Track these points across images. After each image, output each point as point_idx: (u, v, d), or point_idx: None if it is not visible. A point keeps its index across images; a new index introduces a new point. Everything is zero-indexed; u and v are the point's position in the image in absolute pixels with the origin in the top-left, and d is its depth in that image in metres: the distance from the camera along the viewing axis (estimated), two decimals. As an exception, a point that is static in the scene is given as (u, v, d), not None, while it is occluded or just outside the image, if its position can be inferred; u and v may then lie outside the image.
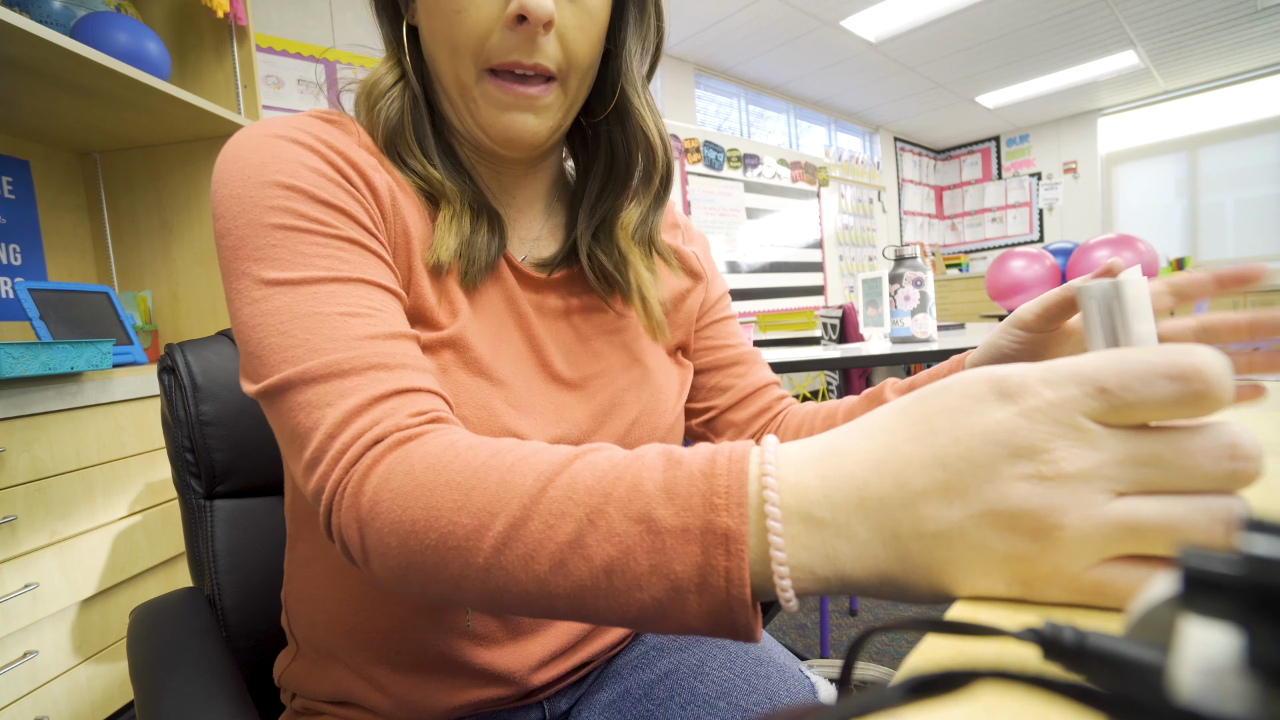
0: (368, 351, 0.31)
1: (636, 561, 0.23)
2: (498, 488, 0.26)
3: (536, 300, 0.49)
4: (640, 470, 0.24)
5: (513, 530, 0.25)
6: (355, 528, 0.29)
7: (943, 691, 0.12)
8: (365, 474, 0.29)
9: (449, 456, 0.28)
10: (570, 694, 0.50)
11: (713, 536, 0.22)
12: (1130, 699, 0.10)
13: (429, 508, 0.27)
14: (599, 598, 0.24)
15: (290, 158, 0.36)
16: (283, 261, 0.33)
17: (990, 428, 0.19)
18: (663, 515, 0.23)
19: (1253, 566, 0.10)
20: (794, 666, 0.50)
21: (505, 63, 0.40)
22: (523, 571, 0.25)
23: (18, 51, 1.06)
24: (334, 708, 0.45)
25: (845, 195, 5.43)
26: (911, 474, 0.19)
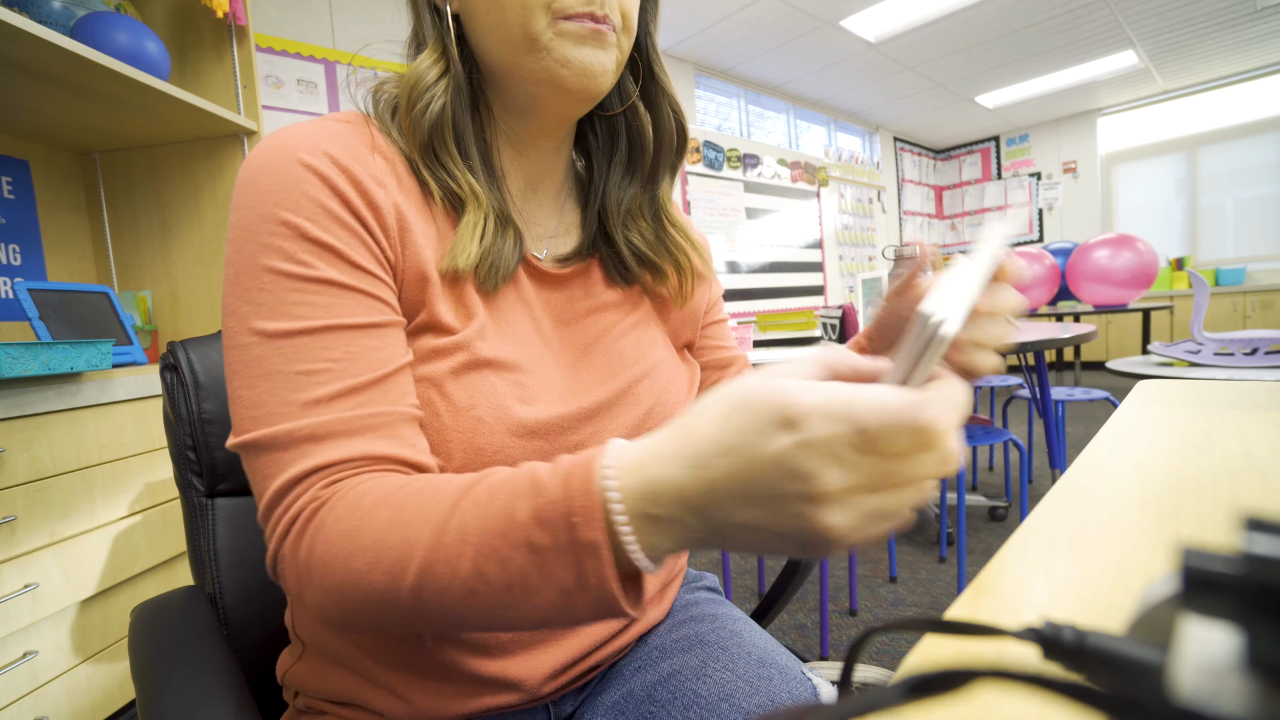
0: (309, 422, 0.35)
1: (529, 578, 0.29)
2: (401, 545, 0.31)
3: (551, 297, 0.49)
4: (513, 503, 0.29)
5: (422, 578, 0.30)
6: (297, 590, 0.35)
7: (942, 691, 0.12)
8: (295, 546, 0.34)
9: (354, 522, 0.33)
10: (574, 697, 0.50)
11: (580, 548, 0.28)
12: (1130, 698, 0.10)
13: (348, 572, 0.32)
14: (507, 609, 0.30)
15: (294, 186, 0.38)
16: (265, 308, 0.37)
17: (774, 455, 0.24)
18: (539, 539, 0.28)
19: (1252, 566, 0.10)
20: (796, 668, 0.50)
21: (579, 13, 0.42)
22: (439, 605, 0.31)
23: (18, 51, 1.06)
24: (338, 708, 0.45)
25: (845, 195, 5.43)
26: (720, 484, 0.25)
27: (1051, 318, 4.21)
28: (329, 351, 0.37)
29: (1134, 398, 0.67)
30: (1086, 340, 1.60)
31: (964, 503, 1.59)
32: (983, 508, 2.31)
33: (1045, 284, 3.74)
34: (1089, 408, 4.07)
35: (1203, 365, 1.42)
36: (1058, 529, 0.33)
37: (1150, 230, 5.65)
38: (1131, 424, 0.55)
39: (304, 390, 0.36)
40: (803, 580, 0.71)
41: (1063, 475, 0.42)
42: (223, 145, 1.53)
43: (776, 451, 0.24)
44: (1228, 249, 5.37)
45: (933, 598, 1.69)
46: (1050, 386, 1.91)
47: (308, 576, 0.33)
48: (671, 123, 0.52)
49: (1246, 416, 0.55)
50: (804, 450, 0.23)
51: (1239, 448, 0.45)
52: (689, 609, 0.56)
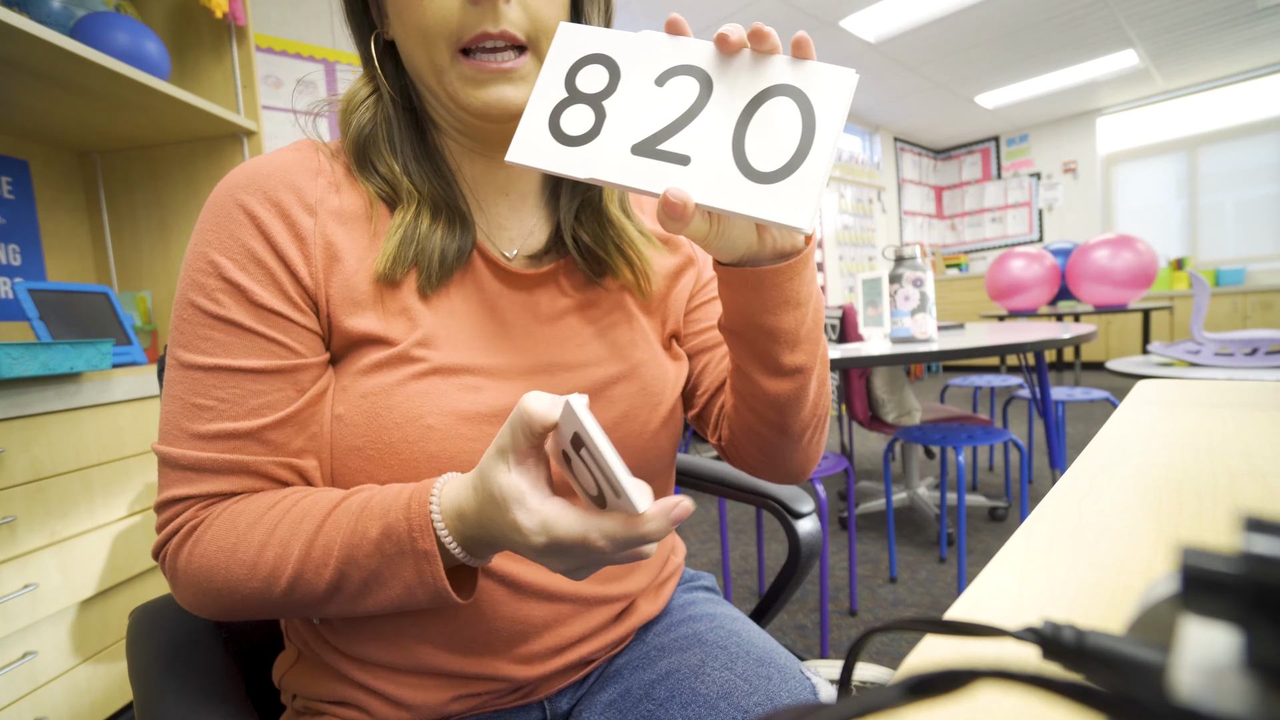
0: (192, 455, 0.40)
1: (381, 576, 0.38)
2: (275, 560, 0.38)
3: (527, 300, 0.49)
4: (367, 523, 0.38)
5: (295, 584, 0.38)
6: (174, 587, 0.41)
7: (942, 691, 0.12)
8: (175, 554, 0.41)
9: (232, 540, 0.39)
10: (571, 693, 0.50)
11: (418, 554, 0.37)
12: (1130, 698, 0.10)
13: (228, 580, 0.39)
14: (364, 600, 0.39)
15: (225, 227, 0.42)
16: (184, 339, 0.42)
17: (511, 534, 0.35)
18: (388, 548, 0.37)
19: (1252, 566, 0.10)
20: (794, 667, 0.50)
21: (474, 36, 0.41)
22: (308, 601, 0.39)
23: (18, 51, 1.06)
24: (335, 708, 0.46)
25: (845, 195, 5.44)
26: (490, 530, 0.36)
27: (1051, 318, 4.21)
28: (217, 390, 0.41)
29: (1134, 398, 0.67)
30: (1086, 340, 1.60)
31: (964, 503, 1.59)
32: (983, 508, 2.31)
33: (1045, 284, 3.74)
34: (1089, 408, 4.08)
35: (1203, 365, 1.42)
36: (1058, 529, 0.33)
37: (1150, 230, 5.65)
38: (1131, 424, 0.55)
39: (194, 421, 0.41)
40: (801, 580, 0.71)
41: (1063, 475, 0.42)
42: (222, 145, 1.53)
43: (512, 531, 0.34)
44: (1228, 249, 5.38)
45: (933, 598, 1.69)
46: (1050, 387, 1.91)
47: (187, 580, 0.40)
48: None
49: (1246, 416, 0.55)
50: (524, 537, 0.34)
51: (1239, 448, 0.45)
52: (687, 608, 0.56)
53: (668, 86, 0.36)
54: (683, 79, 0.35)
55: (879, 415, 2.13)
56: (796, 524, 0.72)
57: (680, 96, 0.35)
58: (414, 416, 0.42)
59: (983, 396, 4.36)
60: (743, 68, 0.35)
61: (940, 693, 0.12)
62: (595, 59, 0.36)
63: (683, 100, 0.35)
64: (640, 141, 0.35)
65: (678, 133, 0.35)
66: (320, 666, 0.47)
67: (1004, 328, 2.06)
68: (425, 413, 0.42)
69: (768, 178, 0.33)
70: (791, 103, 0.33)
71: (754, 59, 0.35)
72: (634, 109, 0.36)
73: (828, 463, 1.63)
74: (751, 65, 0.35)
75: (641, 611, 0.53)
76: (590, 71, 0.36)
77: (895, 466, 2.89)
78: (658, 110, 0.36)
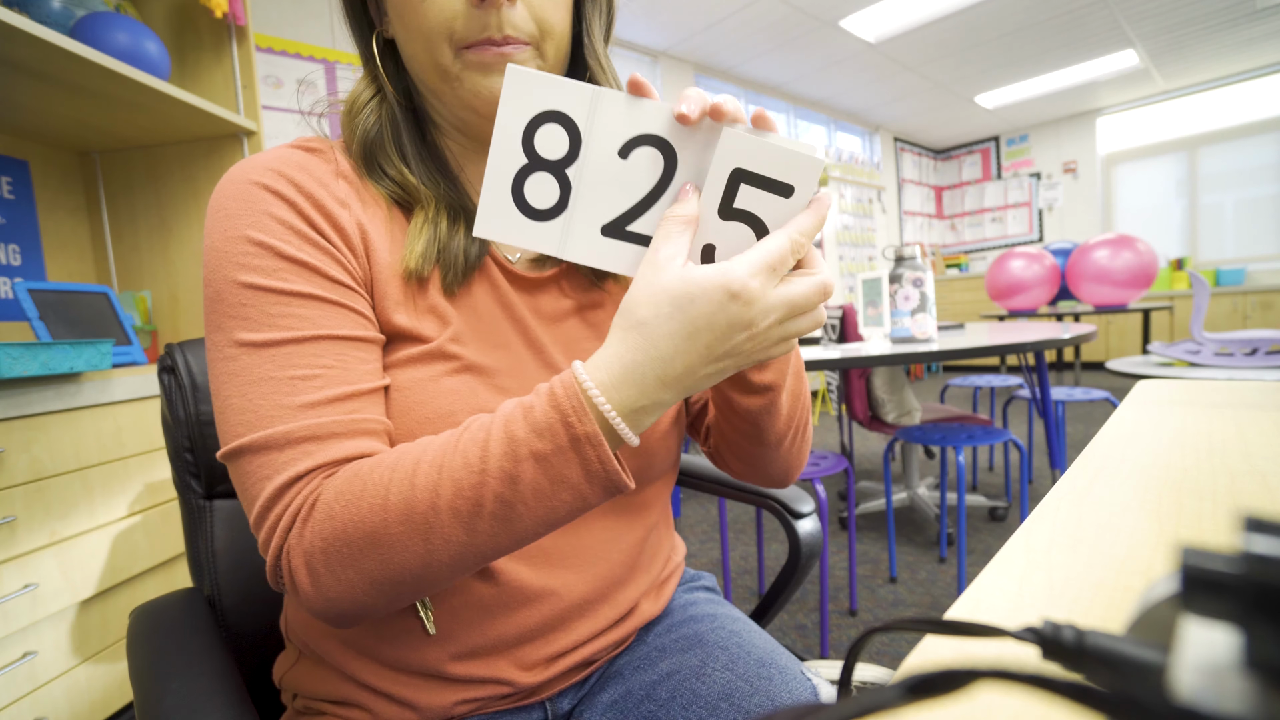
0: (308, 423, 0.36)
1: (540, 486, 0.33)
2: (409, 491, 0.33)
3: (531, 302, 0.49)
4: (508, 428, 0.33)
5: (439, 516, 0.33)
6: (305, 569, 0.35)
7: (942, 691, 0.12)
8: (300, 534, 0.35)
9: (358, 488, 0.34)
10: (572, 694, 0.50)
11: (580, 442, 0.33)
12: (1130, 698, 0.10)
13: (362, 532, 0.33)
14: (530, 517, 0.34)
15: (262, 209, 0.39)
16: (250, 321, 0.37)
17: (729, 320, 0.33)
18: (543, 448, 0.33)
19: (1252, 566, 0.10)
20: (795, 668, 0.50)
21: (478, 40, 0.41)
22: (455, 534, 0.33)
23: (17, 51, 1.06)
24: (335, 707, 0.46)
25: (845, 195, 5.44)
26: (693, 364, 0.33)
27: (1051, 318, 4.21)
28: (321, 359, 0.38)
29: (1134, 398, 0.67)
30: (1086, 340, 1.60)
31: (964, 503, 1.59)
32: (983, 508, 2.31)
33: (1045, 284, 3.74)
34: (1089, 408, 4.08)
35: (1203, 365, 1.42)
36: (1058, 529, 0.33)
37: (1150, 230, 5.65)
38: (1131, 424, 0.55)
39: (299, 394, 0.36)
40: (801, 580, 0.71)
41: (1063, 475, 0.42)
42: (222, 145, 1.53)
43: (729, 317, 0.32)
44: (1227, 249, 5.37)
45: (933, 598, 1.69)
46: (1050, 387, 1.91)
47: (316, 561, 0.34)
48: None
49: (1246, 416, 0.55)
50: (748, 306, 0.32)
51: (1239, 448, 0.45)
52: (688, 609, 0.56)
53: (631, 159, 0.35)
54: (646, 150, 0.35)
55: (879, 415, 2.13)
56: (797, 524, 0.72)
57: (645, 171, 0.35)
58: (445, 413, 0.42)
59: (983, 396, 4.36)
60: (706, 143, 0.35)
61: (940, 693, 0.12)
62: (552, 116, 0.34)
63: (648, 175, 0.35)
64: (609, 222, 0.36)
65: (645, 213, 0.36)
66: (321, 666, 0.47)
67: (1004, 328, 2.06)
68: (456, 410, 0.42)
69: None
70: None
71: (713, 131, 0.34)
72: (599, 183, 0.35)
73: (827, 463, 1.63)
74: (713, 140, 0.34)
75: (643, 611, 0.53)
76: (548, 133, 0.34)
77: (895, 466, 2.89)
78: (623, 186, 0.35)
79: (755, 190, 0.34)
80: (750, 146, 0.32)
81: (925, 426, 1.94)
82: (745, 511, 2.48)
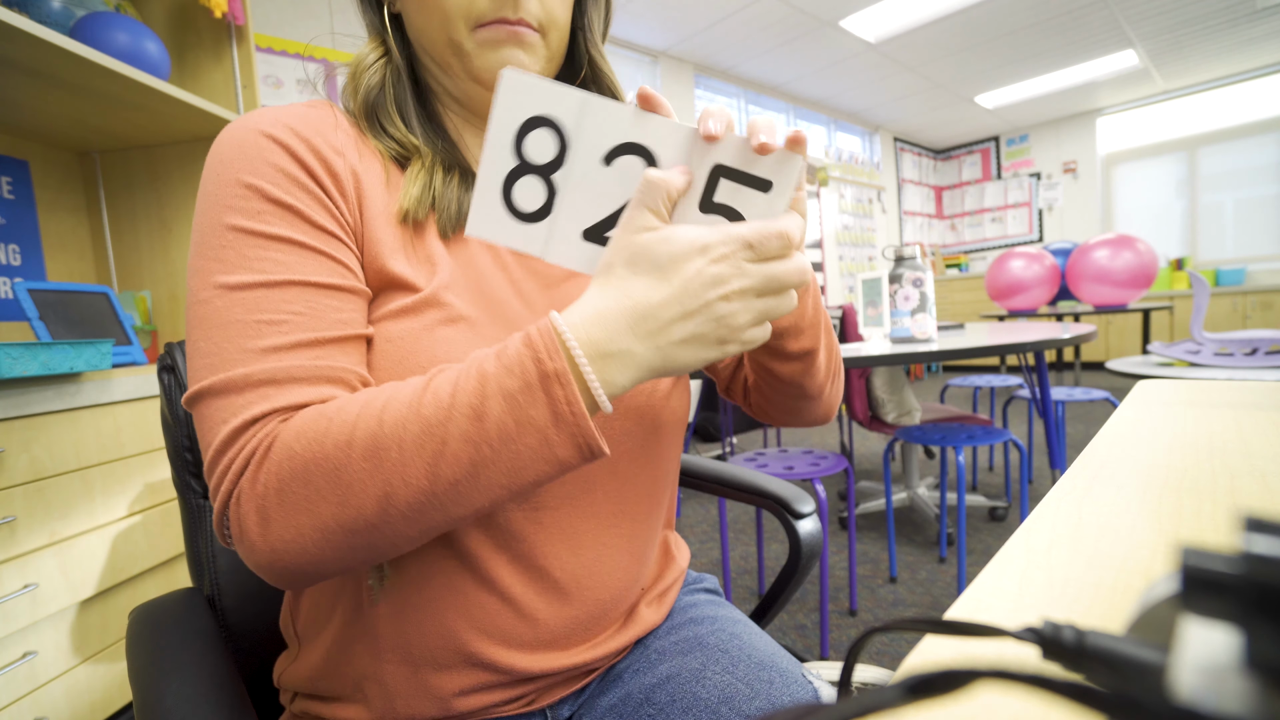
0: (268, 366, 0.35)
1: (506, 426, 0.32)
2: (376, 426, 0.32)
3: (529, 263, 0.49)
4: (482, 365, 0.33)
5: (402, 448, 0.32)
6: (256, 514, 0.33)
7: (942, 691, 0.12)
8: (253, 478, 0.33)
9: (322, 424, 0.33)
10: (572, 701, 0.50)
11: (549, 379, 0.32)
12: (1130, 698, 0.10)
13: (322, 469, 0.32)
14: (495, 467, 0.32)
15: (256, 154, 0.40)
16: (228, 264, 0.37)
17: (698, 272, 0.33)
18: (510, 384, 0.32)
19: (1252, 566, 0.10)
20: (796, 671, 0.49)
21: (493, 20, 0.44)
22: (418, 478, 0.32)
23: (17, 51, 1.06)
24: (335, 705, 0.45)
25: (845, 195, 5.44)
26: (661, 310, 0.33)
27: (1051, 318, 4.21)
28: (289, 304, 0.37)
29: (1134, 398, 0.67)
30: (1086, 340, 1.60)
31: (964, 503, 1.59)
32: (983, 508, 2.31)
33: (1045, 284, 3.74)
34: (1089, 408, 4.08)
35: (1203, 365, 1.42)
36: (1058, 529, 0.33)
37: (1150, 230, 5.65)
38: (1131, 424, 0.55)
39: (263, 337, 0.36)
40: (802, 580, 0.71)
41: (1063, 475, 0.42)
42: (222, 145, 1.53)
43: (698, 269, 0.33)
44: (1227, 249, 5.37)
45: (933, 598, 1.69)
46: (1050, 387, 1.91)
47: (268, 504, 0.33)
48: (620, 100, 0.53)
49: (1246, 416, 0.55)
50: (718, 263, 0.33)
51: (1239, 448, 0.45)
52: (688, 611, 0.56)
53: (614, 166, 0.36)
54: (629, 158, 0.36)
55: (879, 415, 2.13)
56: (797, 524, 0.71)
57: (626, 179, 0.36)
58: (439, 361, 0.41)
59: (983, 396, 4.36)
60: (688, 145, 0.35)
61: (940, 693, 0.12)
62: (543, 122, 0.35)
63: (629, 183, 0.36)
64: (590, 227, 0.37)
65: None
66: (320, 663, 0.46)
67: (1004, 328, 2.06)
68: (450, 358, 0.41)
69: None
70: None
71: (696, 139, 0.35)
72: (582, 188, 0.37)
73: (827, 463, 1.63)
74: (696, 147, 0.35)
75: (644, 619, 0.53)
76: (539, 137, 0.35)
77: (895, 466, 2.89)
78: (605, 193, 0.37)
79: (734, 185, 0.35)
80: (731, 143, 0.34)
81: (925, 426, 1.94)
82: (745, 511, 2.48)
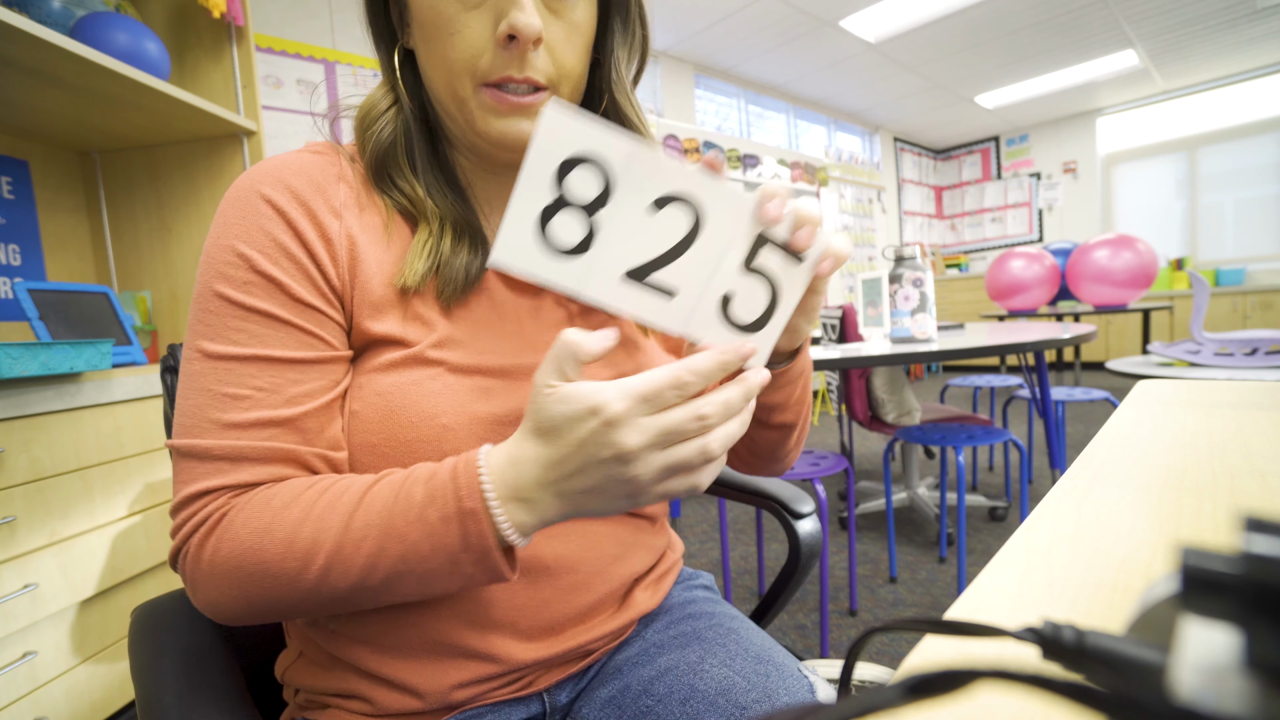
0: (225, 444, 0.39)
1: (421, 548, 0.36)
2: (314, 535, 0.36)
3: (532, 307, 0.49)
4: (411, 489, 0.36)
5: (331, 560, 0.36)
6: (193, 584, 0.39)
7: (942, 691, 0.12)
8: (200, 545, 0.38)
9: (266, 520, 0.37)
10: (571, 687, 0.51)
11: (465, 514, 0.35)
12: (1130, 698, 0.10)
13: (260, 563, 0.37)
14: (405, 580, 0.36)
15: (253, 221, 0.42)
16: (211, 330, 0.41)
17: (591, 435, 0.33)
18: (430, 514, 0.35)
19: (1252, 566, 0.10)
20: (793, 665, 0.50)
21: (499, 78, 0.42)
22: (342, 581, 0.36)
23: (17, 51, 1.06)
24: (337, 699, 0.46)
25: (845, 195, 5.44)
26: (560, 466, 0.34)
27: (1051, 318, 4.21)
28: (254, 380, 0.40)
29: (1134, 398, 0.67)
30: (1086, 340, 1.60)
31: (964, 503, 1.59)
32: (983, 508, 2.31)
33: (1045, 284, 3.74)
34: (1089, 408, 4.08)
35: (1203, 365, 1.42)
36: (1058, 529, 0.33)
37: (1150, 230, 5.65)
38: (1131, 424, 0.55)
39: (226, 411, 0.40)
40: (802, 580, 0.71)
41: (1063, 475, 0.42)
42: (222, 145, 1.53)
43: (592, 431, 0.33)
44: (1227, 249, 5.38)
45: (933, 598, 1.69)
46: (1050, 387, 1.91)
47: (212, 572, 0.38)
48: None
49: (1246, 416, 0.55)
50: (609, 427, 0.33)
51: (1239, 448, 0.45)
52: (686, 606, 0.57)
53: (663, 212, 0.35)
54: (677, 205, 0.36)
55: (879, 415, 2.13)
56: (797, 524, 0.72)
57: (673, 226, 0.36)
58: (429, 415, 0.42)
59: (983, 396, 4.36)
60: (735, 210, 0.36)
61: (940, 693, 0.12)
62: (586, 159, 0.34)
63: (675, 230, 0.36)
64: (634, 269, 0.36)
65: (668, 264, 0.37)
66: (321, 659, 0.47)
67: (1004, 328, 2.06)
68: (440, 412, 0.42)
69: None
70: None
71: (744, 200, 0.36)
72: (627, 231, 0.35)
73: (827, 463, 1.63)
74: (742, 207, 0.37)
75: (639, 603, 0.53)
76: (583, 174, 0.34)
77: (895, 466, 2.89)
78: (651, 236, 0.36)
79: (773, 252, 0.38)
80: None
81: (925, 426, 1.94)
82: (745, 511, 2.48)
